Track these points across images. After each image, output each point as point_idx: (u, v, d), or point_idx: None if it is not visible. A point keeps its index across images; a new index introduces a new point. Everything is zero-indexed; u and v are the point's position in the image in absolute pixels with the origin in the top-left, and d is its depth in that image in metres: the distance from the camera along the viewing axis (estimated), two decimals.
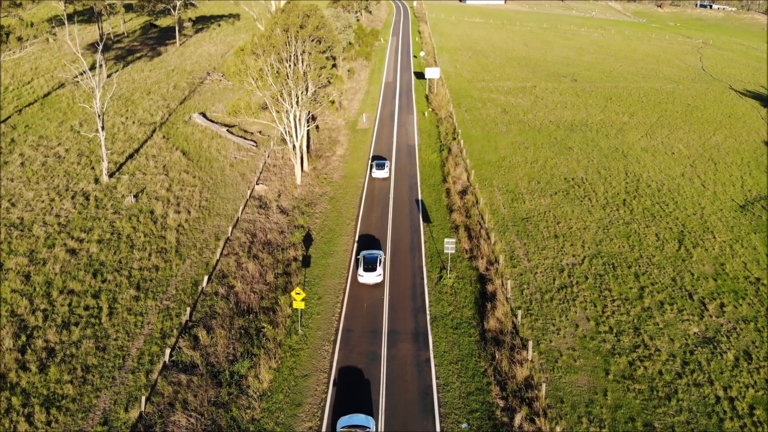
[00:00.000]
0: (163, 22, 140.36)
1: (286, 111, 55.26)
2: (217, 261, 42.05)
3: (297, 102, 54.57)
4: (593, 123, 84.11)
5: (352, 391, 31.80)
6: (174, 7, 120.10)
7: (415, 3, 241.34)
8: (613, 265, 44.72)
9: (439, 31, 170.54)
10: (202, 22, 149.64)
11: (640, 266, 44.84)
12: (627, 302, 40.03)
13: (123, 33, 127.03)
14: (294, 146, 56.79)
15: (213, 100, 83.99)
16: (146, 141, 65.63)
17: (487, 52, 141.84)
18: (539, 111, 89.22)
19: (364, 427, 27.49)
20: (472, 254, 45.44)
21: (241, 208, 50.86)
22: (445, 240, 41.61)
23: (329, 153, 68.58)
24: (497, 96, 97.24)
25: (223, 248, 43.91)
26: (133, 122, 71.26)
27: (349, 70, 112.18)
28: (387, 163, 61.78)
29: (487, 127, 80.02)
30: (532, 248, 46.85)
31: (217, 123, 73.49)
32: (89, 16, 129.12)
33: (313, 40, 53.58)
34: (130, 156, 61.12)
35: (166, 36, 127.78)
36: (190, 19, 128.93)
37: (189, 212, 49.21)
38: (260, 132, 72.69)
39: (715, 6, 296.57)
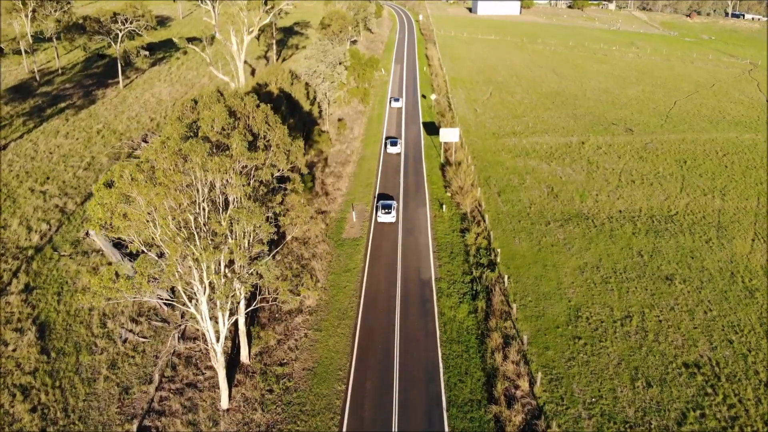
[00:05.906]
0: (115, 50, 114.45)
1: (196, 297, 29.55)
2: None
3: (213, 287, 28.74)
4: (679, 213, 59.03)
5: None
6: (116, 39, 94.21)
7: (420, 16, 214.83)
8: None
9: (450, 54, 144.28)
10: (165, 47, 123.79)
11: None
12: None
13: (57, 69, 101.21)
14: (215, 350, 30.95)
15: None
16: None
17: (511, 84, 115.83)
18: (600, 191, 63.58)
19: None
20: None
21: None
22: None
23: (292, 304, 42.63)
24: (537, 163, 71.39)
25: None
26: None
27: (339, 122, 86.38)
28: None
29: (536, 231, 54.22)
30: None
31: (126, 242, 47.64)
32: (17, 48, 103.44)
33: (243, 171, 27.82)
34: None
35: (112, 71, 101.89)
36: (142, 48, 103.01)
37: None
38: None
39: (747, 16, 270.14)
